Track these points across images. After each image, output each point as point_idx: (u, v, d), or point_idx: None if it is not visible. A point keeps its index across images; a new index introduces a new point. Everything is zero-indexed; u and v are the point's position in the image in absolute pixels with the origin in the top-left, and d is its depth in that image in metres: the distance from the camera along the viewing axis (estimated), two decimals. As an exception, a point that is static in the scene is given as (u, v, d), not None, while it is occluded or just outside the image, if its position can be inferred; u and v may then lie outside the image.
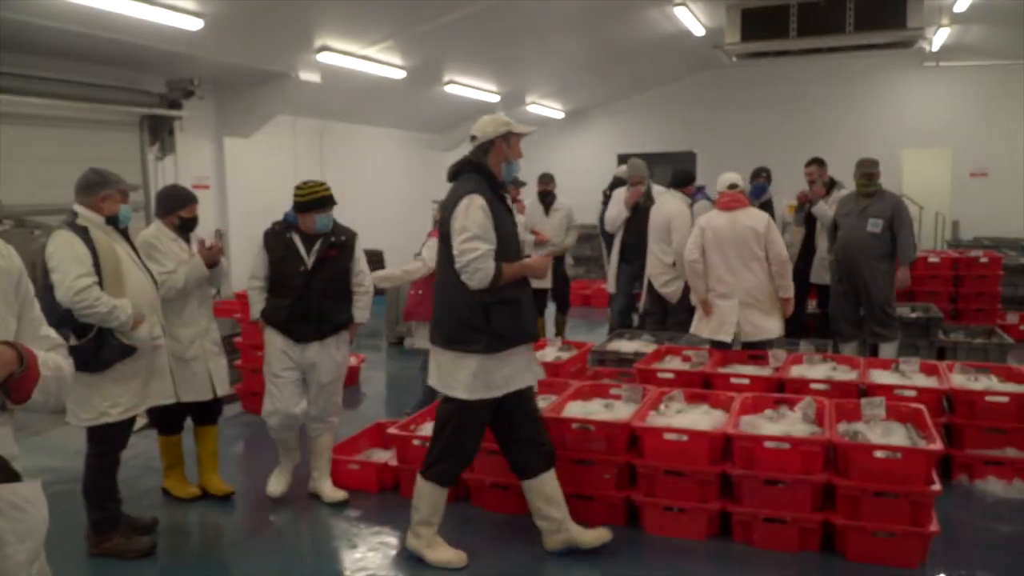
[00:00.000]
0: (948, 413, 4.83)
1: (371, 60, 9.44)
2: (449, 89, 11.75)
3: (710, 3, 10.58)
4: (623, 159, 12.62)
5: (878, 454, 3.74)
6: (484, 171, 3.73)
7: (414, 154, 14.27)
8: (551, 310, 8.42)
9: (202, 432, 4.69)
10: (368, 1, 8.03)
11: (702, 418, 4.32)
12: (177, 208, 4.44)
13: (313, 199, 4.37)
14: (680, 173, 7.16)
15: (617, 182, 8.19)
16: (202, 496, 4.69)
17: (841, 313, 6.71)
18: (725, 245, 5.58)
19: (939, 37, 12.67)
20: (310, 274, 4.39)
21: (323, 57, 8.85)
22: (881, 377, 5.11)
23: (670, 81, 16.61)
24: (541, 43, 11.41)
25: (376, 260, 12.20)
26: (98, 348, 3.71)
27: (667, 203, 6.97)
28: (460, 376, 3.67)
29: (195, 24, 6.99)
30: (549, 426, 4.28)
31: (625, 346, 6.50)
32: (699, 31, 11.53)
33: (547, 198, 8.00)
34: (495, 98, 13.11)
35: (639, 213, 7.25)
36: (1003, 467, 4.65)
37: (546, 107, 15.45)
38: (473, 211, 3.57)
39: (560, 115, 16.57)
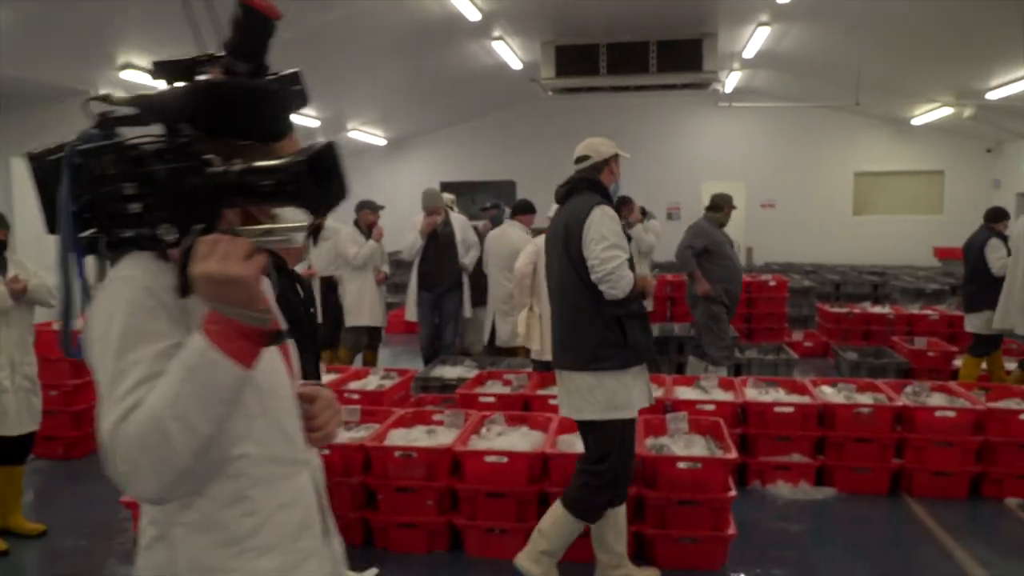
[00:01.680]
0: (743, 424, 5.26)
1: (182, 80, 9.03)
2: (267, 113, 11.43)
3: (527, 39, 11.01)
4: (445, 187, 12.78)
5: (681, 465, 4.02)
6: (599, 188, 3.72)
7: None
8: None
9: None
10: (176, 19, 7.68)
11: (521, 439, 4.44)
12: None
13: None
14: (521, 203, 7.39)
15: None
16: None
17: (722, 339, 6.83)
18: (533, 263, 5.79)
19: (731, 80, 13.87)
20: None
21: (127, 75, 8.35)
22: (684, 393, 5.47)
23: (491, 111, 17.06)
24: (362, 70, 11.39)
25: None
26: None
27: (509, 233, 7.16)
28: (599, 396, 3.51)
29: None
30: (371, 456, 4.27)
31: (448, 372, 6.57)
32: (517, 65, 11.95)
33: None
34: (315, 123, 12.91)
35: (436, 240, 7.39)
36: (790, 471, 5.11)
37: (368, 134, 15.39)
38: (608, 220, 3.52)
39: (383, 142, 16.56)
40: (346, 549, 1.64)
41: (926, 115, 14.18)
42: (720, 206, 6.98)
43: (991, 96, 11.65)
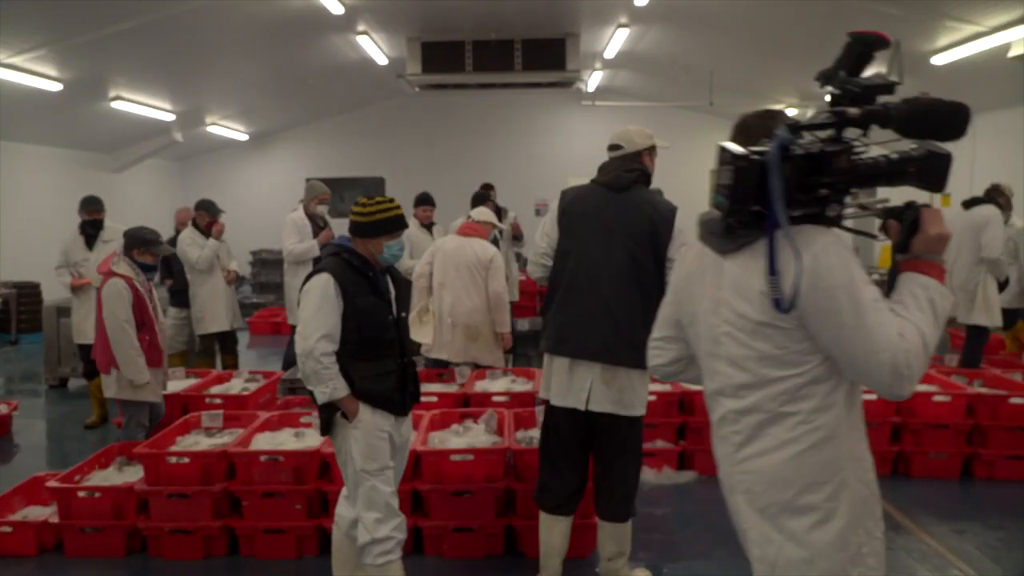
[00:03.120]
0: (609, 414, 5.41)
1: (18, 69, 8.40)
2: (117, 106, 10.79)
3: (392, 34, 10.90)
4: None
5: (550, 456, 4.09)
6: (649, 183, 3.63)
7: (79, 175, 12.84)
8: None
9: None
10: (15, 5, 7.13)
11: (392, 438, 4.40)
12: None
13: (384, 219, 3.32)
14: (421, 196, 7.26)
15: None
16: None
17: None
18: (449, 267, 5.76)
19: (594, 79, 14.26)
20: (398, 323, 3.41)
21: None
22: (554, 386, 5.58)
23: (358, 107, 16.79)
24: (220, 62, 10.95)
25: (33, 292, 10.79)
26: None
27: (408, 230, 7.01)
28: (642, 392, 3.45)
29: None
30: (235, 462, 4.12)
31: (317, 373, 6.41)
32: (382, 60, 11.81)
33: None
34: (170, 117, 12.31)
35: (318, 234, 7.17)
36: (655, 458, 5.31)
37: (228, 129, 14.83)
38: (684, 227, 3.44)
39: (244, 137, 16.01)
40: (209, 561, 1.59)
41: (774, 116, 15.05)
42: None
43: (830, 97, 12.51)
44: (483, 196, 7.61)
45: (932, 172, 1.82)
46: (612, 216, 3.43)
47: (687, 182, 17.17)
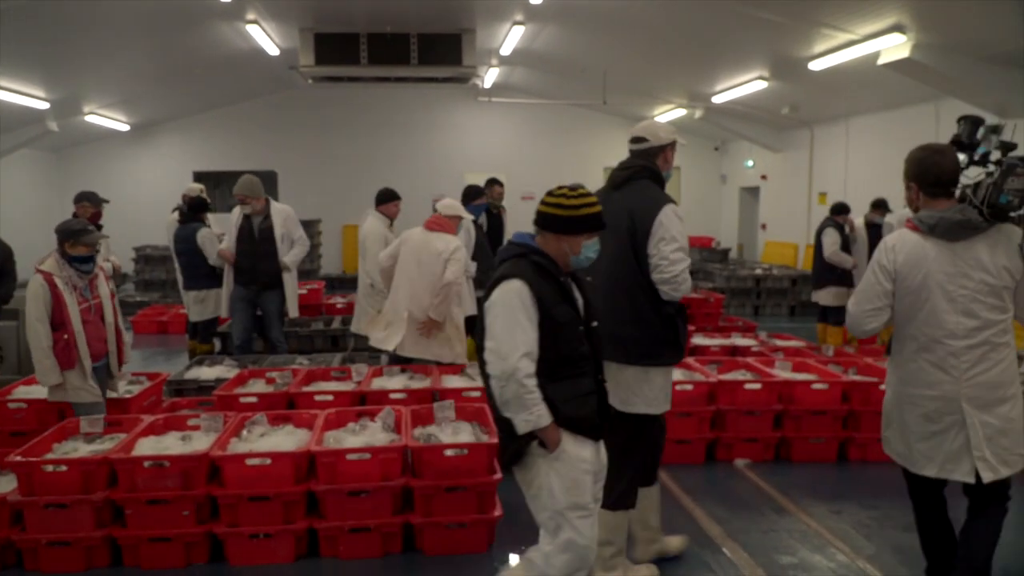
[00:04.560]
0: (507, 408, 5.45)
1: None
2: (-19, 92, 10.11)
3: (284, 24, 10.62)
4: (199, 177, 12.03)
5: (448, 452, 4.09)
6: (658, 178, 3.59)
7: (-64, 165, 11.97)
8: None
9: None
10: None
11: (286, 439, 4.30)
12: None
13: (591, 214, 2.91)
14: (382, 192, 6.96)
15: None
16: None
17: None
18: (411, 262, 5.67)
19: (490, 76, 14.32)
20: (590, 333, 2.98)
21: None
22: (451, 381, 5.58)
23: (249, 98, 16.32)
24: (99, 49, 10.40)
25: None
26: None
27: (364, 223, 6.84)
28: (646, 391, 3.46)
29: None
30: (116, 468, 3.94)
31: (205, 373, 6.19)
32: (274, 51, 11.50)
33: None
34: (43, 105, 11.60)
35: (252, 235, 6.90)
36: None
37: (108, 118, 14.08)
38: (677, 221, 3.44)
39: (125, 127, 15.26)
40: (91, 573, 1.52)
41: (663, 115, 15.50)
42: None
43: (716, 100, 13.00)
44: (478, 191, 7.27)
45: None
46: (607, 214, 3.30)
47: (584, 178, 17.40)
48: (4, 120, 11.67)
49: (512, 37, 11.29)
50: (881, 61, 8.61)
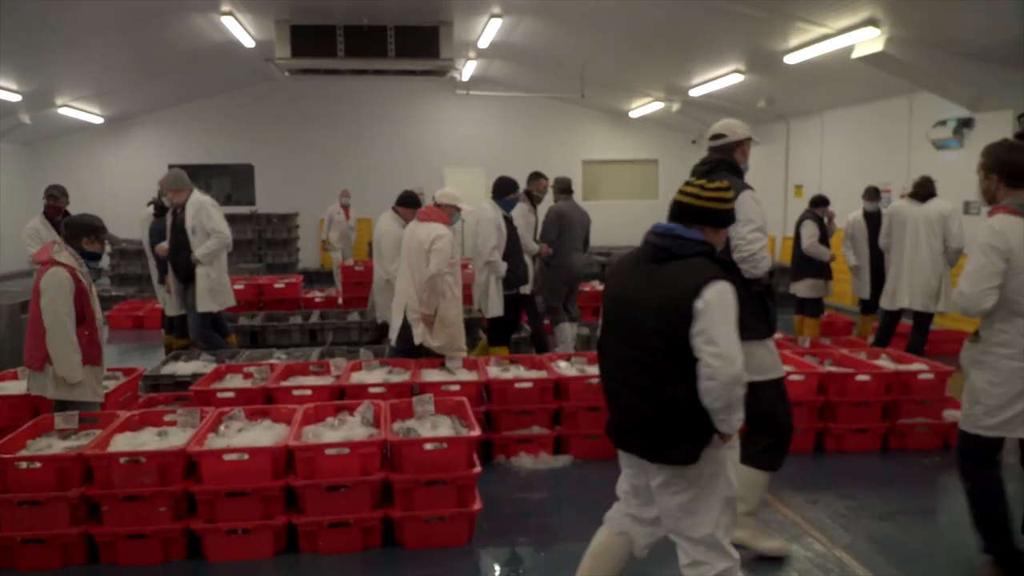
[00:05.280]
0: (487, 402, 5.47)
1: None
2: (-51, 84, 9.94)
3: (259, 16, 10.52)
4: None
5: (427, 446, 4.09)
6: (736, 170, 3.86)
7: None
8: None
9: None
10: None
11: (264, 434, 4.28)
12: None
13: (728, 209, 2.89)
14: (407, 196, 6.89)
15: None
16: None
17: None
18: (404, 252, 5.82)
19: (468, 69, 14.26)
20: None
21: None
22: (431, 375, 5.58)
23: (225, 91, 16.16)
24: (72, 40, 10.25)
25: None
26: None
27: (379, 221, 6.99)
28: (748, 363, 3.14)
29: None
30: (92, 465, 3.90)
31: (181, 368, 6.15)
32: (249, 43, 11.39)
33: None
34: (15, 98, 11.43)
35: (174, 227, 6.98)
36: (531, 444, 5.40)
37: (82, 111, 13.90)
38: (754, 204, 3.70)
39: (99, 120, 15.06)
40: (68, 570, 1.51)
41: (641, 108, 15.55)
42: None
43: (693, 93, 13.06)
44: (512, 185, 6.91)
45: None
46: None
47: (562, 171, 17.35)
48: (-27, 113, 11.51)
49: (490, 30, 11.26)
50: (855, 55, 8.69)
